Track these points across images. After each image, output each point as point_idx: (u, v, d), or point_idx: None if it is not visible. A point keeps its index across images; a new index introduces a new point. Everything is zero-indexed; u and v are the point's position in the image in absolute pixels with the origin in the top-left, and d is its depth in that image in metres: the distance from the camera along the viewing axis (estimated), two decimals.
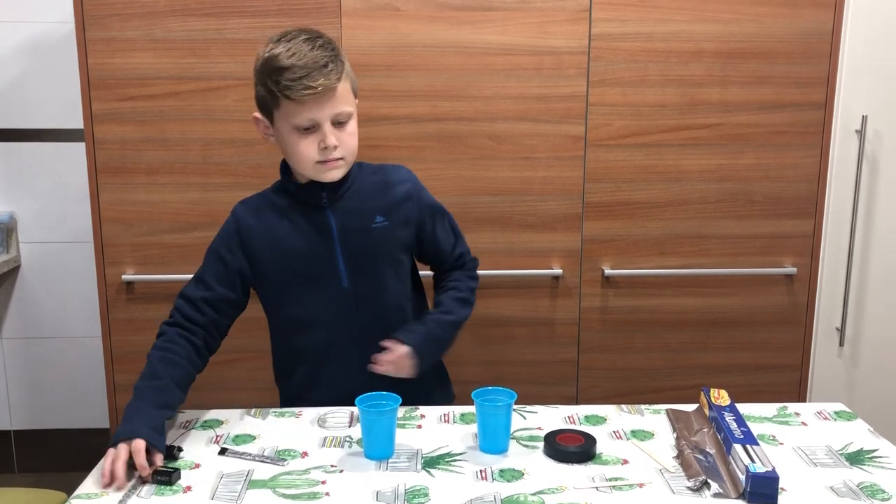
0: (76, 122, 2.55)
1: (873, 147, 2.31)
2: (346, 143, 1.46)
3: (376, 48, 2.00)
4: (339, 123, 1.45)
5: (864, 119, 2.27)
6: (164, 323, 1.50)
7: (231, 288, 1.53)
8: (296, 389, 1.61)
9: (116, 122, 2.01)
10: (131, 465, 1.25)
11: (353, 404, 1.35)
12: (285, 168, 1.54)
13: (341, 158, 1.46)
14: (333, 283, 1.52)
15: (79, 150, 2.57)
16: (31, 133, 2.59)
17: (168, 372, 1.40)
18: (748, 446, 1.24)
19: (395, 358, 1.47)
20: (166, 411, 1.37)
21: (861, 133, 2.27)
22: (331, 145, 1.43)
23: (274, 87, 1.39)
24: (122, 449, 1.25)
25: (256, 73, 1.45)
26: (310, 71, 1.37)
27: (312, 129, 1.43)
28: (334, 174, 1.48)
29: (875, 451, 1.35)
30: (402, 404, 1.33)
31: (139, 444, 1.25)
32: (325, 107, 1.41)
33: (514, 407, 1.47)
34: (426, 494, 1.20)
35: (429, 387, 1.63)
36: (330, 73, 1.39)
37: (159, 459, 1.27)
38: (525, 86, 2.02)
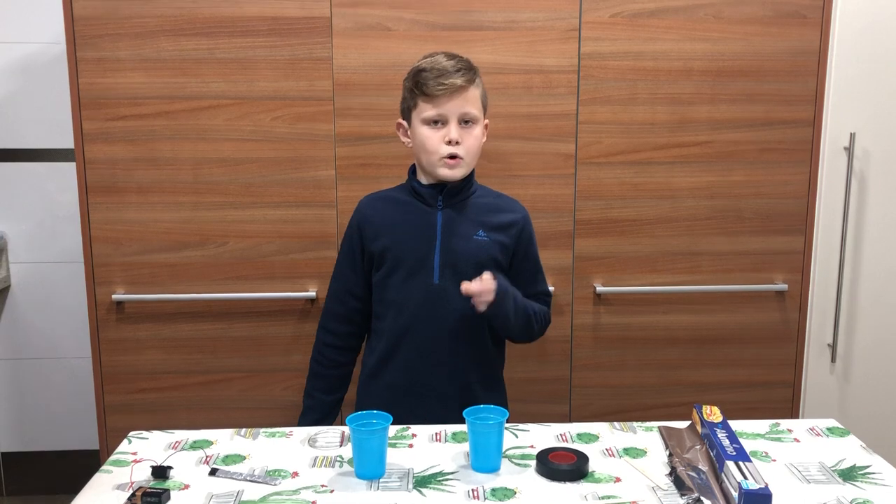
0: (66, 142, 2.55)
1: (861, 164, 2.33)
2: (467, 143, 1.63)
3: (367, 68, 2.00)
4: (465, 123, 1.63)
5: (853, 136, 2.28)
6: (319, 325, 1.78)
7: (362, 273, 1.74)
8: (373, 367, 1.74)
9: (107, 141, 2.01)
10: (121, 488, 1.23)
11: (419, 389, 1.66)
12: (413, 171, 1.72)
13: (462, 158, 1.63)
14: (426, 277, 1.67)
15: (69, 169, 2.57)
16: (21, 153, 2.59)
17: (317, 385, 1.78)
18: (741, 463, 1.24)
19: (482, 286, 1.56)
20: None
21: (849, 150, 2.29)
22: (454, 138, 1.61)
23: (413, 85, 1.63)
24: None
25: (403, 83, 1.68)
26: (443, 72, 1.59)
27: (441, 124, 1.62)
28: (454, 173, 1.64)
29: (868, 467, 1.35)
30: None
31: None
32: (454, 103, 1.60)
33: (506, 425, 1.47)
34: None
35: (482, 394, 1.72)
36: (461, 76, 1.60)
37: None
38: (515, 104, 2.04)
